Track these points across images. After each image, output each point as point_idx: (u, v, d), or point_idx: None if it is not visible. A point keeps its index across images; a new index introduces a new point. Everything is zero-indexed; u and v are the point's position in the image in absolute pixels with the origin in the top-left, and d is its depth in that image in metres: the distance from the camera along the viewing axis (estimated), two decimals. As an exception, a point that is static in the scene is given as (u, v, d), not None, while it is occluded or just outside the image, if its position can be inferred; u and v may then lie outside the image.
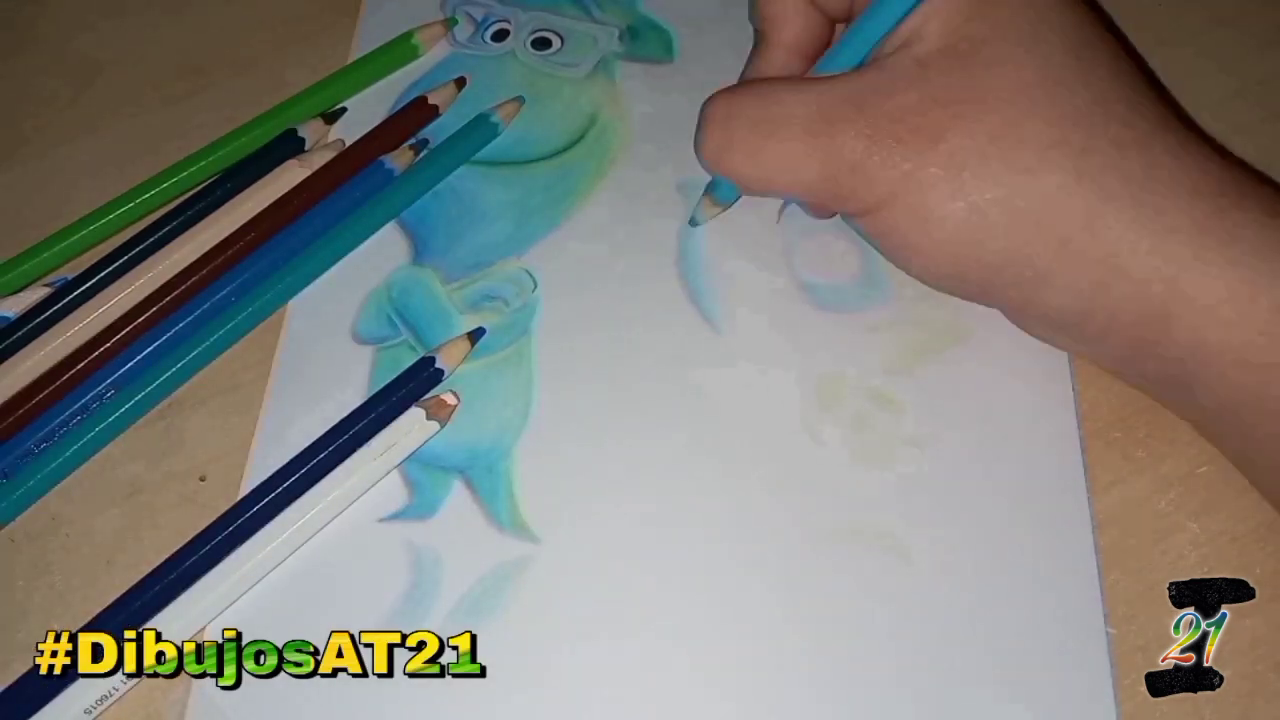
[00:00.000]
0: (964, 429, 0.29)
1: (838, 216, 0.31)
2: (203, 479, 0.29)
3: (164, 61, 0.37)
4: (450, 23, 0.36)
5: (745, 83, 0.28)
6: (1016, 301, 0.27)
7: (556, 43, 0.36)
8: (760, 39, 0.30)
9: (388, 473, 0.28)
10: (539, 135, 0.34)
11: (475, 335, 0.30)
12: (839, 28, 0.30)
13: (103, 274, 0.31)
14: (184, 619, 0.26)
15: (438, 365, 0.29)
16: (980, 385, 0.29)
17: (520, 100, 0.35)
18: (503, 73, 0.36)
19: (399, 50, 0.36)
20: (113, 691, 0.26)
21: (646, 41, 0.36)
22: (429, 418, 0.29)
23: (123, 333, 0.30)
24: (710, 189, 0.31)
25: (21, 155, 0.36)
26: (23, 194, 0.35)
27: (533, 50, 0.36)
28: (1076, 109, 0.24)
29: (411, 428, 0.28)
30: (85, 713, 0.25)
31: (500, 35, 0.37)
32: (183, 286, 0.31)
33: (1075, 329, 0.26)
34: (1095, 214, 0.24)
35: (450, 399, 0.29)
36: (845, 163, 0.25)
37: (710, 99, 0.28)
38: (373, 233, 0.33)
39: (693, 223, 0.32)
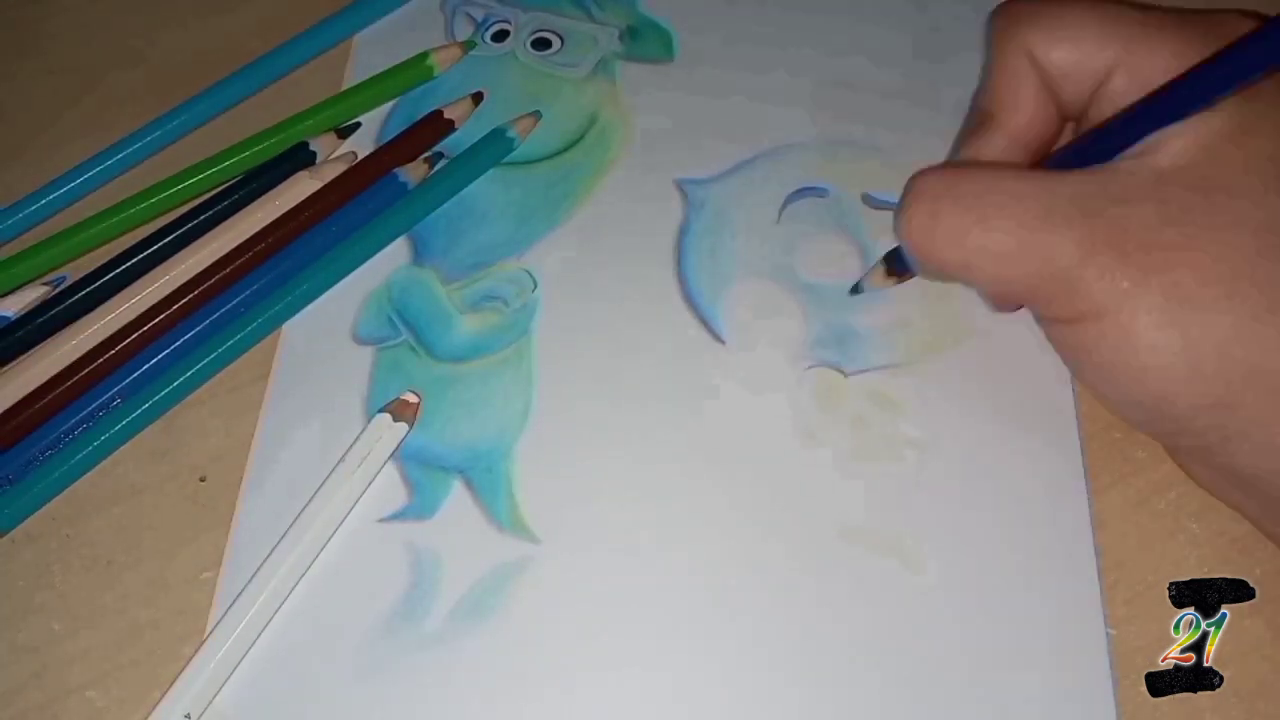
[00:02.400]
0: (964, 430, 0.29)
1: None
2: (203, 479, 0.29)
3: (165, 64, 0.37)
4: (469, 45, 0.36)
5: (963, 162, 0.26)
6: (1208, 449, 0.24)
7: (556, 43, 0.36)
8: (983, 119, 0.27)
9: (368, 485, 0.28)
10: (539, 136, 0.34)
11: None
12: (1068, 126, 0.28)
13: (110, 276, 0.31)
14: (199, 679, 0.26)
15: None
16: (980, 386, 0.29)
17: (537, 115, 0.34)
18: (503, 73, 0.36)
19: (414, 70, 0.35)
20: None
21: (646, 42, 0.36)
22: (395, 420, 0.29)
23: (131, 339, 0.30)
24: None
25: (24, 157, 0.36)
26: (21, 196, 0.35)
27: (533, 50, 0.36)
28: None
29: (381, 434, 0.28)
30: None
31: (500, 36, 0.37)
32: (193, 294, 0.31)
33: (1264, 489, 0.24)
34: None
35: (411, 398, 0.29)
36: (1058, 266, 0.23)
37: (923, 172, 0.25)
38: (384, 246, 0.32)
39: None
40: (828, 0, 0.37)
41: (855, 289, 0.30)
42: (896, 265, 0.29)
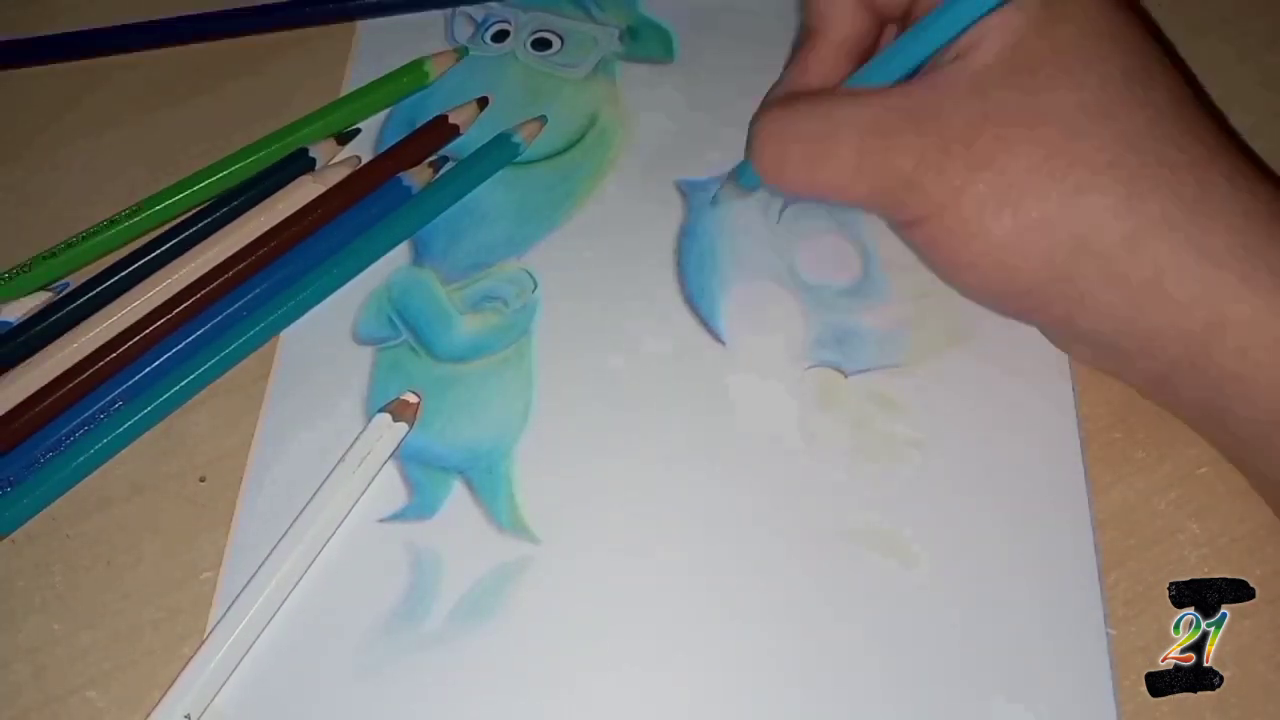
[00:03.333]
0: (964, 430, 0.29)
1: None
2: (203, 479, 0.29)
3: (166, 64, 0.37)
4: (462, 51, 0.36)
5: (796, 95, 0.28)
6: (1057, 319, 0.27)
7: (556, 43, 0.36)
8: (808, 35, 0.29)
9: (368, 485, 0.28)
10: (539, 136, 0.34)
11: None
12: (889, 29, 0.29)
13: (111, 281, 0.31)
14: (199, 680, 0.26)
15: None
16: (980, 386, 0.29)
17: (543, 120, 0.34)
18: (502, 73, 0.36)
19: (410, 75, 0.35)
20: None
21: (646, 42, 0.36)
22: (395, 420, 0.29)
23: (132, 342, 0.30)
24: (736, 175, 0.31)
25: (26, 157, 0.36)
26: (27, 195, 0.35)
27: (533, 51, 0.36)
28: (1131, 132, 0.24)
29: (381, 434, 0.28)
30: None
31: (500, 36, 0.37)
32: (196, 297, 0.31)
33: (1114, 348, 0.26)
34: (1142, 236, 0.24)
35: (411, 398, 0.29)
36: (898, 177, 0.25)
37: (762, 113, 0.28)
38: (388, 251, 0.32)
39: (713, 202, 0.32)
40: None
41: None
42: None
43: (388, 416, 0.29)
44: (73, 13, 0.39)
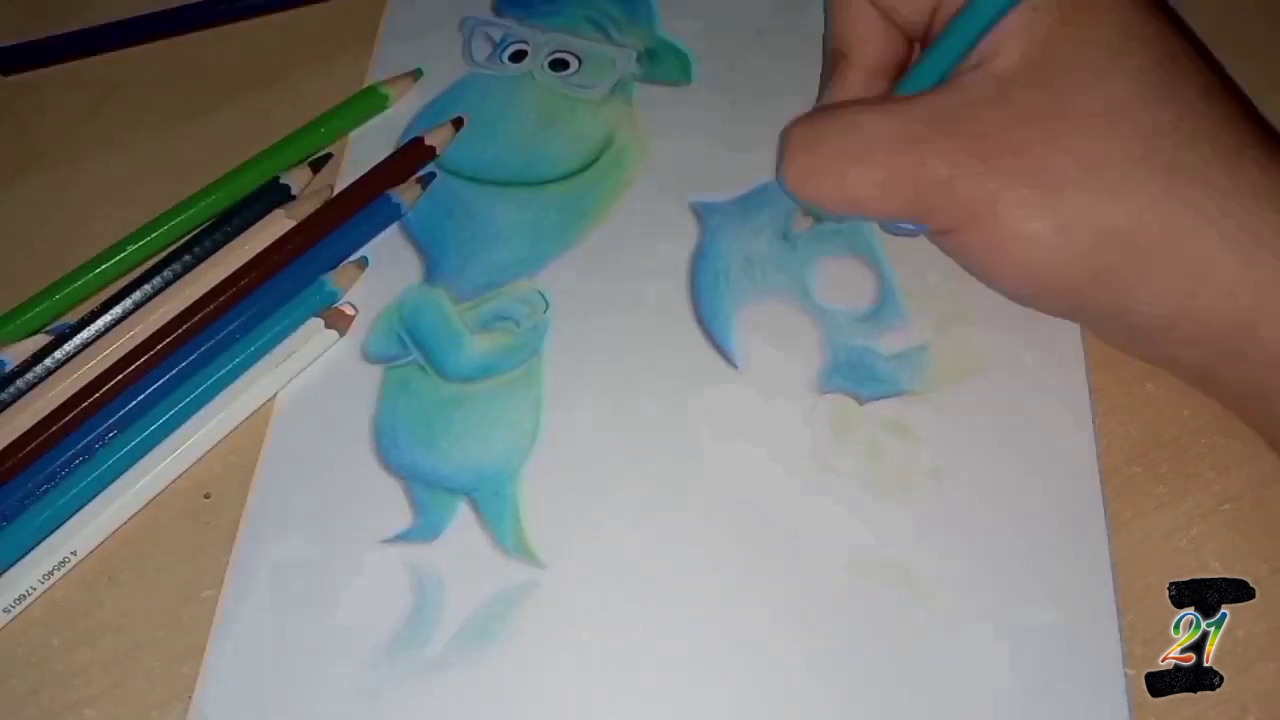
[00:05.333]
0: (981, 461, 0.28)
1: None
2: (207, 496, 0.29)
3: (181, 77, 0.38)
4: (416, 74, 0.36)
5: (825, 107, 0.28)
6: (1101, 314, 0.27)
7: (574, 64, 0.36)
8: (837, 61, 0.29)
9: (284, 385, 0.29)
10: (555, 156, 0.34)
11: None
12: (917, 47, 0.29)
13: (106, 316, 0.31)
14: (91, 526, 0.28)
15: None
16: (999, 416, 0.29)
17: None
18: (520, 94, 0.36)
19: (367, 101, 0.35)
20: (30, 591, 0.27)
21: (664, 64, 0.36)
22: (328, 326, 0.29)
23: (126, 372, 0.30)
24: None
25: (37, 169, 0.36)
26: (38, 208, 0.35)
27: (550, 71, 0.36)
28: (1162, 124, 0.24)
29: (309, 337, 0.29)
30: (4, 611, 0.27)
31: (518, 56, 0.37)
32: (189, 324, 0.31)
33: (1159, 339, 0.26)
34: (1182, 228, 0.24)
35: (349, 310, 0.30)
36: (930, 185, 0.25)
37: (791, 126, 0.27)
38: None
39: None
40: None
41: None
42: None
43: (320, 321, 0.29)
44: (83, 13, 0.39)
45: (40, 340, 0.31)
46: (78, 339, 0.31)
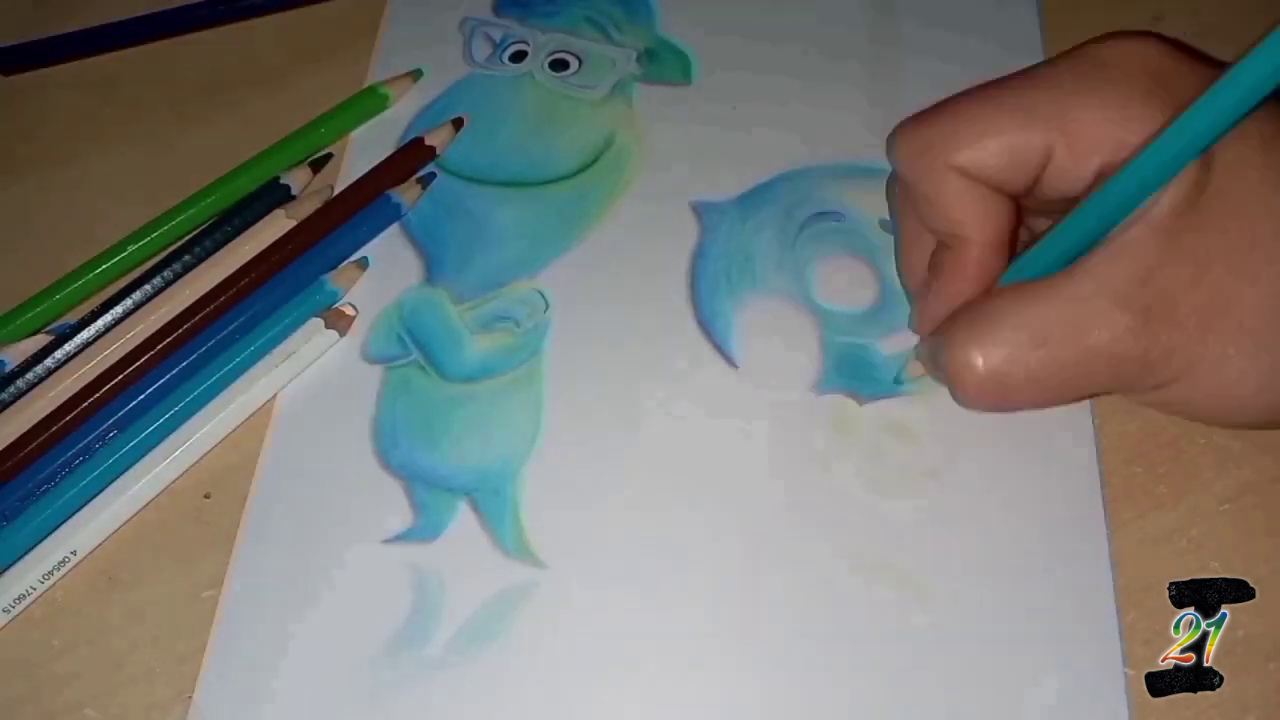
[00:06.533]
0: (981, 461, 0.28)
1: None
2: (208, 496, 0.29)
3: (181, 77, 0.38)
4: (416, 74, 0.36)
5: (984, 319, 0.25)
6: None
7: (574, 64, 0.36)
8: (954, 243, 0.26)
9: (285, 385, 0.29)
10: (555, 157, 0.34)
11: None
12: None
13: (106, 316, 0.31)
14: (91, 526, 0.28)
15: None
16: (998, 416, 0.29)
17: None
18: (520, 94, 0.36)
19: (368, 101, 0.35)
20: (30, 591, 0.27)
21: (665, 64, 0.36)
22: (328, 326, 0.29)
23: (127, 372, 0.30)
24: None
25: (38, 168, 0.36)
26: (38, 208, 0.35)
27: (550, 72, 0.36)
28: None
29: (309, 336, 0.29)
30: (4, 611, 0.27)
31: (518, 56, 0.37)
32: (189, 324, 0.31)
33: None
34: None
35: (349, 310, 0.30)
36: (1122, 359, 0.24)
37: (949, 331, 0.26)
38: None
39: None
40: (846, 27, 0.36)
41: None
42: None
43: (321, 321, 0.29)
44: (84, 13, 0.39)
45: (40, 340, 0.31)
46: (78, 339, 0.31)
